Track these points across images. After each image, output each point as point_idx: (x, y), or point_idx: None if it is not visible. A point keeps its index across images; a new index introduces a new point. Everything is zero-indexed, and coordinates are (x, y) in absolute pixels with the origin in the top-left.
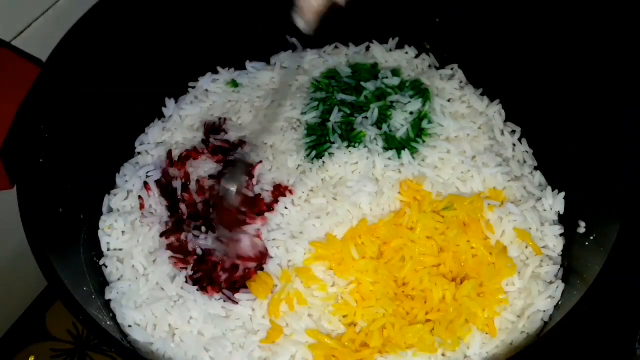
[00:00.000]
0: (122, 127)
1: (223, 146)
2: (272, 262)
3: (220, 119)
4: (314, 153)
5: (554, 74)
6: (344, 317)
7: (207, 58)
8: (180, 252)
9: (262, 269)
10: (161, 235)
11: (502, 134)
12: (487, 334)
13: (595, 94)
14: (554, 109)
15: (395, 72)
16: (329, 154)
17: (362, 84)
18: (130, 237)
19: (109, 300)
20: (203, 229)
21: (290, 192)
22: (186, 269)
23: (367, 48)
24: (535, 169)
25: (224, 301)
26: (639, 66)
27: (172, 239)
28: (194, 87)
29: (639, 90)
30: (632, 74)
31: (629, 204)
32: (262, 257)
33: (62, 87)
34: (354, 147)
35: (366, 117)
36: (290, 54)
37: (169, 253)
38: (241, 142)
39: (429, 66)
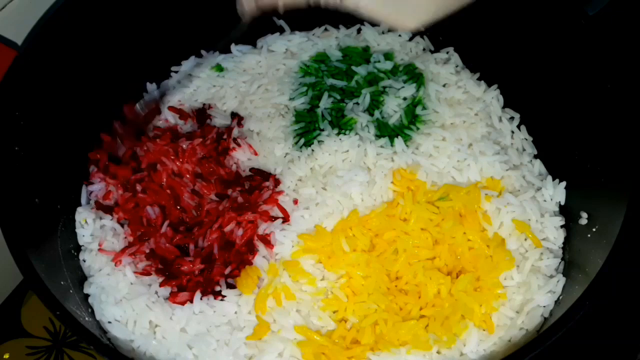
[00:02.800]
0: (102, 113)
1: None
2: (258, 255)
3: (204, 104)
4: (302, 141)
5: (554, 57)
6: (334, 312)
7: (190, 41)
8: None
9: (249, 264)
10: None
11: (500, 120)
12: (484, 330)
13: (598, 78)
14: (555, 94)
15: (388, 56)
16: (318, 141)
17: (354, 68)
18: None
19: (88, 295)
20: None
21: (278, 181)
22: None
23: (359, 31)
24: (535, 157)
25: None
26: None
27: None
28: (176, 72)
29: None
30: (636, 57)
31: (633, 194)
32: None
33: (39, 71)
34: (345, 134)
35: (357, 103)
36: (277, 36)
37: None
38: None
39: (423, 49)
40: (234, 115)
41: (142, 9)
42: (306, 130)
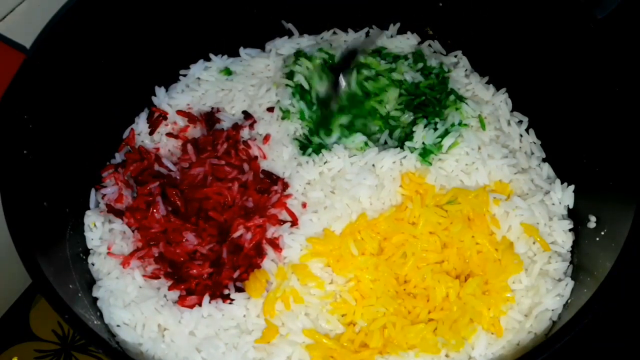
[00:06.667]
0: (110, 116)
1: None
2: (266, 259)
3: (213, 108)
4: (310, 149)
5: (563, 60)
6: (343, 316)
7: (198, 44)
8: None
9: (258, 267)
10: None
11: (509, 124)
12: (492, 333)
13: (606, 81)
14: (563, 98)
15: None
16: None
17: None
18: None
19: (96, 299)
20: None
21: (286, 185)
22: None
23: (367, 34)
24: (543, 160)
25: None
26: None
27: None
28: (185, 75)
29: None
30: None
31: None
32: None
33: (48, 75)
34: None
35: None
36: (285, 40)
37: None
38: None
39: (434, 52)
40: (247, 115)
41: (151, 13)
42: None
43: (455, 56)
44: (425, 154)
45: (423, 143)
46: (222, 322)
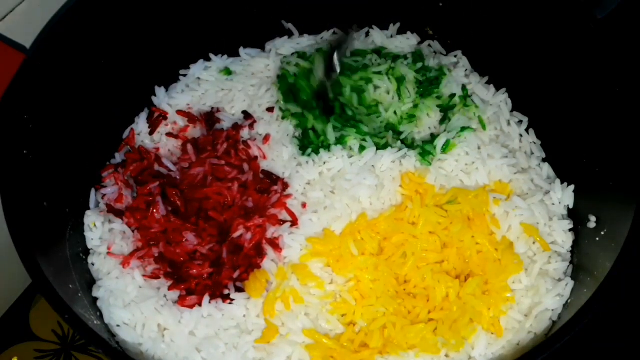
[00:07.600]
0: (110, 116)
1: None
2: (266, 259)
3: (213, 108)
4: (309, 150)
5: (563, 60)
6: (343, 316)
7: (198, 44)
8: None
9: (257, 267)
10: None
11: (509, 124)
12: (492, 333)
13: (606, 81)
14: (563, 98)
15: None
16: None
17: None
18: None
19: (96, 299)
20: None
21: (286, 185)
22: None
23: (367, 34)
24: (543, 160)
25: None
26: None
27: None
28: (185, 75)
29: None
30: None
31: None
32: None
33: (48, 75)
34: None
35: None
36: (286, 40)
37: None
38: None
39: (434, 53)
40: (247, 115)
41: (151, 13)
42: (309, 142)
43: (455, 56)
44: (424, 153)
45: (423, 142)
46: (222, 322)
